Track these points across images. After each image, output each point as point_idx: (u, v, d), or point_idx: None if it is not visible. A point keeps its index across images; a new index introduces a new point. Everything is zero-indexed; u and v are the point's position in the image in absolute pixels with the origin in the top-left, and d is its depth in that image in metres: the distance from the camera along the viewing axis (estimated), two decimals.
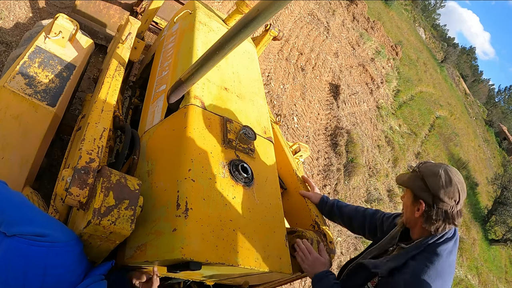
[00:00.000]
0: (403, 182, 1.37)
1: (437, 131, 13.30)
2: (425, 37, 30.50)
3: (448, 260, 1.25)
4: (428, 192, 1.25)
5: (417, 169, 1.31)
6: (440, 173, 1.25)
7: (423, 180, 1.27)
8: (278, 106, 5.25)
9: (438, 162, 1.34)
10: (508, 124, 44.93)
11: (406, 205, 1.35)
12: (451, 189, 1.23)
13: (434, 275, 1.21)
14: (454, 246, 1.29)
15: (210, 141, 1.37)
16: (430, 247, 1.26)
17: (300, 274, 1.49)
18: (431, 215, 1.24)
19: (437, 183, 1.24)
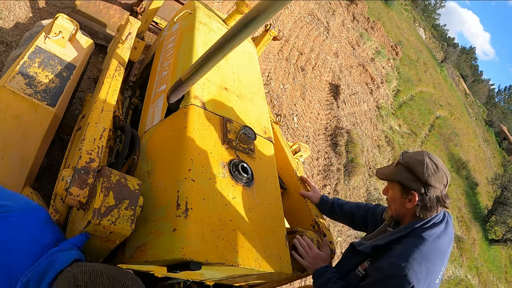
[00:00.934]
0: (387, 177, 1.36)
1: (437, 131, 13.30)
2: (425, 37, 30.50)
3: (435, 244, 1.25)
4: (419, 182, 1.26)
5: (401, 161, 1.31)
6: (426, 161, 1.26)
7: (410, 171, 1.27)
8: (278, 106, 5.25)
9: (417, 151, 1.35)
10: (508, 124, 44.94)
11: (394, 198, 1.35)
12: (439, 174, 1.27)
13: (420, 258, 1.21)
14: (444, 232, 1.30)
15: (210, 141, 1.37)
16: (417, 231, 1.27)
17: (300, 274, 1.49)
18: (426, 203, 1.26)
19: (426, 171, 1.25)
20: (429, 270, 1.22)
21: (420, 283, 1.20)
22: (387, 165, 1.44)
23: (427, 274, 1.21)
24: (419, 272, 1.19)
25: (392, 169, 1.35)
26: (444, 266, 1.31)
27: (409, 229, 1.28)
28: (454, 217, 10.04)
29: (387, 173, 1.37)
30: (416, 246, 1.24)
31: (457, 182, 12.54)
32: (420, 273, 1.19)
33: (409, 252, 1.23)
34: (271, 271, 1.26)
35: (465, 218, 11.02)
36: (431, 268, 1.23)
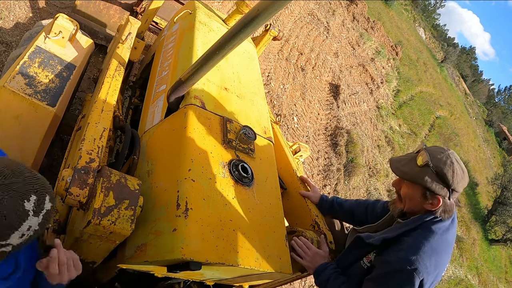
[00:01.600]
0: (411, 177, 1.27)
1: (437, 131, 13.30)
2: (425, 37, 30.50)
3: (443, 237, 1.25)
4: (447, 188, 1.22)
5: (430, 164, 1.23)
6: (455, 167, 1.21)
7: (439, 176, 1.22)
8: (278, 106, 5.25)
9: (439, 148, 1.28)
10: (508, 124, 44.93)
11: (411, 197, 1.29)
12: (465, 180, 1.25)
13: (430, 251, 1.20)
14: (451, 225, 1.29)
15: (210, 141, 1.37)
16: (426, 224, 1.26)
17: (300, 274, 1.49)
18: (447, 206, 1.24)
19: (456, 177, 1.21)
20: (438, 263, 1.22)
21: (430, 276, 1.19)
22: (406, 159, 1.33)
23: (436, 266, 1.21)
24: (429, 265, 1.18)
25: (418, 170, 1.26)
26: (449, 257, 1.31)
27: (419, 222, 1.26)
28: None
29: (411, 173, 1.27)
30: (426, 239, 1.22)
31: None
32: (430, 266, 1.19)
33: (419, 245, 1.22)
34: (271, 271, 1.26)
35: (465, 218, 11.02)
36: (440, 261, 1.22)
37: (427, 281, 1.19)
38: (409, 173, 1.27)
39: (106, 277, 1.43)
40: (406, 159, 1.32)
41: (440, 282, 6.73)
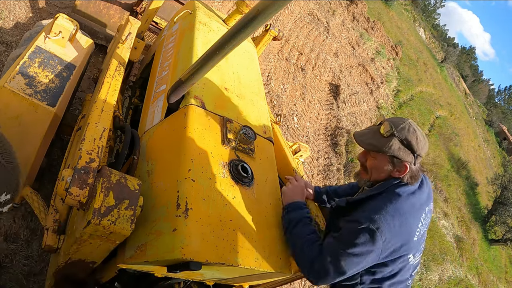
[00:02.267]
0: (379, 148, 1.29)
1: (437, 131, 13.30)
2: (425, 37, 30.50)
3: (409, 200, 1.28)
4: (412, 154, 1.28)
5: (396, 134, 1.27)
6: (416, 133, 1.28)
7: (405, 144, 1.27)
8: (278, 106, 5.24)
9: (399, 118, 1.33)
10: (508, 124, 44.93)
11: (378, 167, 1.33)
12: (426, 145, 1.31)
13: (393, 212, 1.23)
14: (418, 190, 1.33)
15: (210, 141, 1.37)
16: (391, 188, 1.30)
17: (300, 274, 1.49)
18: (413, 172, 1.30)
19: (419, 144, 1.27)
20: (403, 224, 1.24)
21: (395, 237, 1.22)
22: (370, 132, 1.35)
23: (401, 228, 1.23)
24: (393, 225, 1.21)
25: (384, 140, 1.29)
26: (422, 224, 1.33)
27: (385, 187, 1.31)
28: (454, 217, 10.04)
29: (377, 144, 1.30)
30: (390, 201, 1.26)
31: (457, 182, 12.53)
32: (394, 226, 1.21)
33: (383, 206, 1.25)
34: (271, 271, 1.26)
35: (465, 218, 11.01)
36: (406, 223, 1.25)
37: (390, 241, 1.21)
38: (376, 144, 1.31)
39: (106, 277, 1.43)
40: (370, 131, 1.36)
41: (440, 282, 6.73)
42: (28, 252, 2.00)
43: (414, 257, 1.35)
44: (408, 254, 1.29)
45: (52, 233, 1.35)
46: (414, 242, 1.29)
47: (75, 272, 1.34)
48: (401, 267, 1.32)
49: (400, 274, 1.33)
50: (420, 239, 1.34)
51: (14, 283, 1.87)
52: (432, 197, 1.45)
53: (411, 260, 1.33)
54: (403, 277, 1.35)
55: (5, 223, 1.99)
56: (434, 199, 9.06)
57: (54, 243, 1.34)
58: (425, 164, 9.91)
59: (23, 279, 1.90)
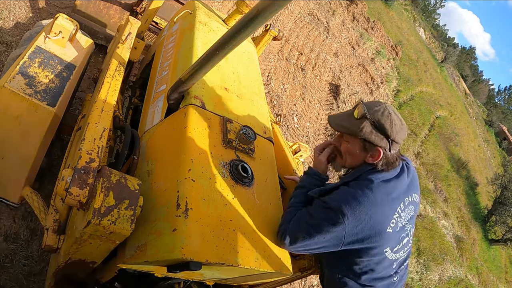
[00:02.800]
0: (350, 131, 1.27)
1: (437, 131, 13.30)
2: (425, 37, 30.49)
3: (382, 188, 1.22)
4: (386, 139, 1.21)
5: (367, 115, 1.22)
6: (393, 117, 1.21)
7: (377, 127, 1.21)
8: (278, 106, 5.24)
9: (375, 102, 1.28)
10: (508, 124, 44.94)
11: (352, 152, 1.29)
12: (403, 131, 1.24)
13: (361, 198, 1.18)
14: (396, 179, 1.26)
15: (210, 141, 1.37)
16: (365, 175, 1.25)
17: (300, 274, 1.49)
18: (389, 158, 1.24)
19: (394, 128, 1.20)
20: (373, 212, 1.18)
21: (360, 224, 1.17)
22: (345, 115, 1.33)
23: (368, 216, 1.18)
24: (358, 211, 1.17)
25: (356, 123, 1.24)
26: (400, 216, 1.25)
27: (358, 173, 1.27)
28: (454, 217, 10.04)
29: (349, 126, 1.26)
30: (360, 187, 1.21)
31: (457, 182, 12.53)
32: (360, 213, 1.17)
33: (352, 191, 1.21)
34: (271, 271, 1.26)
35: (465, 218, 11.01)
36: (376, 211, 1.19)
37: (356, 228, 1.18)
38: (348, 126, 1.27)
39: (106, 277, 1.43)
40: (345, 114, 1.33)
41: (440, 282, 6.73)
42: (28, 252, 2.00)
43: (394, 252, 1.27)
44: (381, 246, 1.22)
45: (52, 233, 1.35)
46: (389, 234, 1.22)
47: (75, 272, 1.34)
48: (378, 261, 1.25)
49: (380, 270, 1.26)
50: (398, 232, 1.26)
51: (14, 283, 1.87)
52: (417, 188, 1.36)
53: (390, 255, 1.26)
54: (385, 273, 1.28)
55: (5, 223, 1.99)
56: (434, 199, 9.06)
57: (54, 243, 1.34)
58: (425, 164, 9.92)
59: (23, 279, 1.90)
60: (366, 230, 1.18)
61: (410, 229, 1.33)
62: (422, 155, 10.10)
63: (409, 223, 1.31)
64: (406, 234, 1.31)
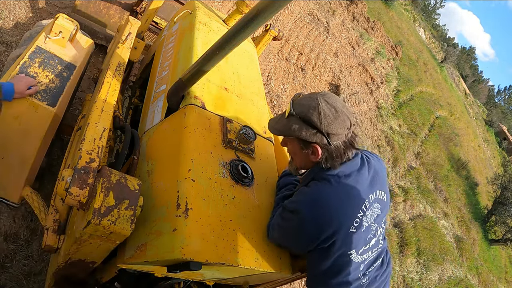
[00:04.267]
0: (282, 132, 1.21)
1: (437, 131, 13.29)
2: (425, 37, 30.49)
3: (342, 184, 1.15)
4: (319, 133, 1.12)
5: (293, 112, 1.15)
6: (321, 107, 1.11)
7: (305, 122, 1.13)
8: (278, 106, 5.24)
9: (309, 94, 1.19)
10: (508, 124, 44.95)
11: (294, 152, 1.25)
12: (340, 119, 1.12)
13: (317, 197, 1.14)
14: (357, 173, 1.18)
15: (210, 141, 1.37)
16: (320, 174, 1.19)
17: (300, 274, 1.49)
18: (331, 153, 1.14)
19: (324, 119, 1.10)
20: (332, 211, 1.12)
21: (319, 223, 1.13)
22: (279, 116, 1.26)
23: (328, 214, 1.12)
24: (316, 211, 1.13)
25: (285, 122, 1.17)
26: (365, 215, 1.18)
27: (312, 174, 1.21)
28: (454, 217, 10.04)
29: (280, 128, 1.19)
30: (317, 186, 1.17)
31: (457, 182, 12.53)
32: (317, 212, 1.13)
33: (308, 191, 1.18)
34: (271, 271, 1.26)
35: (465, 218, 11.01)
36: (334, 209, 1.12)
37: (316, 227, 1.14)
38: (279, 128, 1.21)
39: (106, 277, 1.43)
40: (279, 116, 1.27)
41: (440, 282, 6.73)
42: (28, 252, 2.00)
43: (359, 254, 1.18)
44: (345, 247, 1.15)
45: (52, 233, 1.35)
46: (352, 235, 1.14)
47: (75, 272, 1.34)
48: (343, 263, 1.17)
49: (346, 273, 1.18)
50: (364, 233, 1.18)
51: (14, 283, 1.87)
52: (383, 184, 1.26)
53: (355, 257, 1.18)
54: (352, 277, 1.19)
55: (5, 223, 1.99)
56: (434, 199, 9.06)
57: (54, 243, 1.34)
58: (425, 164, 9.92)
59: (23, 279, 1.90)
60: (327, 230, 1.12)
61: (377, 229, 1.25)
62: (422, 155, 10.10)
63: (375, 222, 1.22)
64: (373, 234, 1.23)
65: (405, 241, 6.23)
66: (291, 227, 1.20)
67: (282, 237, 1.27)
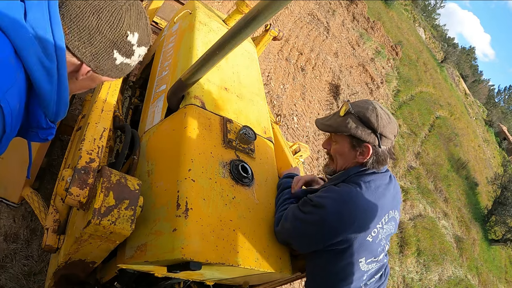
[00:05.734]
0: (335, 129, 1.22)
1: (437, 131, 13.30)
2: (425, 37, 30.49)
3: (372, 192, 1.16)
4: (374, 133, 1.15)
5: (351, 111, 1.18)
6: (378, 111, 1.16)
7: (363, 121, 1.16)
8: (278, 106, 5.24)
9: (362, 100, 1.24)
10: (508, 124, 44.97)
11: (342, 152, 1.24)
12: (392, 125, 1.18)
13: (347, 197, 1.14)
14: (386, 186, 1.20)
15: (210, 141, 1.37)
16: (354, 178, 1.20)
17: (300, 274, 1.49)
18: (379, 156, 1.17)
19: (380, 121, 1.15)
20: (357, 214, 1.12)
21: (342, 222, 1.12)
22: (331, 115, 1.29)
23: (353, 216, 1.12)
24: (342, 210, 1.12)
25: (340, 120, 1.20)
26: (382, 227, 1.19)
27: (347, 175, 1.22)
28: (454, 217, 10.04)
29: (334, 124, 1.22)
30: (348, 188, 1.17)
31: (457, 182, 12.53)
32: (343, 211, 1.12)
33: (338, 190, 1.17)
34: (271, 271, 1.26)
35: (465, 218, 11.01)
36: (360, 213, 1.13)
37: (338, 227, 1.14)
38: (333, 124, 1.24)
39: (106, 277, 1.43)
40: (331, 115, 1.29)
41: (440, 282, 6.73)
42: (28, 252, 2.00)
43: (367, 263, 1.20)
44: (358, 254, 1.16)
45: (52, 233, 1.35)
46: (367, 243, 1.16)
47: (75, 272, 1.34)
48: (351, 269, 1.18)
49: (351, 279, 1.19)
50: (376, 244, 1.20)
51: (14, 283, 1.87)
52: (399, 204, 1.31)
53: (363, 266, 1.19)
54: (355, 285, 1.20)
55: (5, 223, 1.99)
56: (434, 199, 9.06)
57: (54, 243, 1.34)
58: (425, 164, 9.92)
59: (23, 279, 1.90)
60: (347, 231, 1.13)
61: (385, 246, 1.28)
62: (422, 155, 10.10)
63: (385, 238, 1.25)
64: (382, 249, 1.26)
65: (405, 241, 6.24)
66: (311, 221, 1.18)
67: (294, 229, 1.22)
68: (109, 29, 0.76)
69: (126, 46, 0.82)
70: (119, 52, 0.82)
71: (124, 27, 0.79)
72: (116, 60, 0.82)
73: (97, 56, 0.78)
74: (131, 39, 0.82)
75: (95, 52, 0.77)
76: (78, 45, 0.75)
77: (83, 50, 0.76)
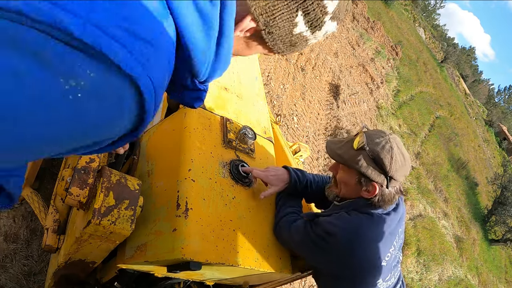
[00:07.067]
0: (345, 161, 1.18)
1: (437, 131, 13.31)
2: (425, 37, 30.49)
3: (382, 223, 1.15)
4: (383, 174, 1.12)
5: (366, 147, 1.13)
6: (394, 152, 1.11)
7: (375, 162, 1.12)
8: (278, 106, 5.25)
9: (379, 132, 1.18)
10: (508, 124, 44.99)
11: (347, 183, 1.21)
12: (405, 168, 1.14)
13: (363, 232, 1.12)
14: (394, 213, 1.20)
15: (210, 141, 1.37)
16: (363, 209, 1.18)
17: (300, 274, 1.49)
18: (385, 196, 1.15)
19: (394, 164, 1.11)
20: (370, 248, 1.11)
21: (353, 256, 1.11)
22: (343, 142, 1.23)
23: (363, 249, 1.12)
24: (354, 243, 1.11)
25: (353, 153, 1.15)
26: (395, 248, 1.20)
27: (353, 206, 1.20)
28: (454, 217, 10.05)
29: (346, 157, 1.18)
30: (360, 219, 1.15)
31: (457, 182, 12.54)
32: (355, 245, 1.11)
33: (352, 220, 1.14)
34: (271, 271, 1.26)
35: (465, 218, 11.02)
36: (373, 246, 1.12)
37: (348, 260, 1.12)
38: (343, 156, 1.18)
39: (106, 277, 1.43)
40: (343, 141, 1.24)
41: (440, 282, 6.73)
42: (28, 252, 2.00)
43: (385, 281, 1.20)
44: (374, 278, 1.16)
45: (52, 233, 1.36)
46: (383, 267, 1.16)
47: (75, 272, 1.34)
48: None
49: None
50: (391, 263, 1.21)
51: (14, 283, 1.87)
52: (405, 216, 1.31)
53: (381, 285, 1.19)
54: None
55: (5, 223, 1.99)
56: (434, 199, 9.07)
57: (54, 243, 1.34)
58: (425, 164, 9.93)
59: (23, 279, 1.91)
60: (359, 265, 1.12)
61: (400, 256, 1.29)
62: (422, 155, 10.11)
63: (399, 250, 1.26)
64: (397, 261, 1.27)
65: (405, 241, 6.24)
66: (320, 246, 1.16)
67: (304, 244, 1.21)
68: None
69: (317, 12, 0.57)
70: (304, 16, 0.57)
71: None
72: (296, 26, 0.59)
73: (273, 9, 0.55)
74: (328, 3, 0.57)
75: (272, 2, 0.55)
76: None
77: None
